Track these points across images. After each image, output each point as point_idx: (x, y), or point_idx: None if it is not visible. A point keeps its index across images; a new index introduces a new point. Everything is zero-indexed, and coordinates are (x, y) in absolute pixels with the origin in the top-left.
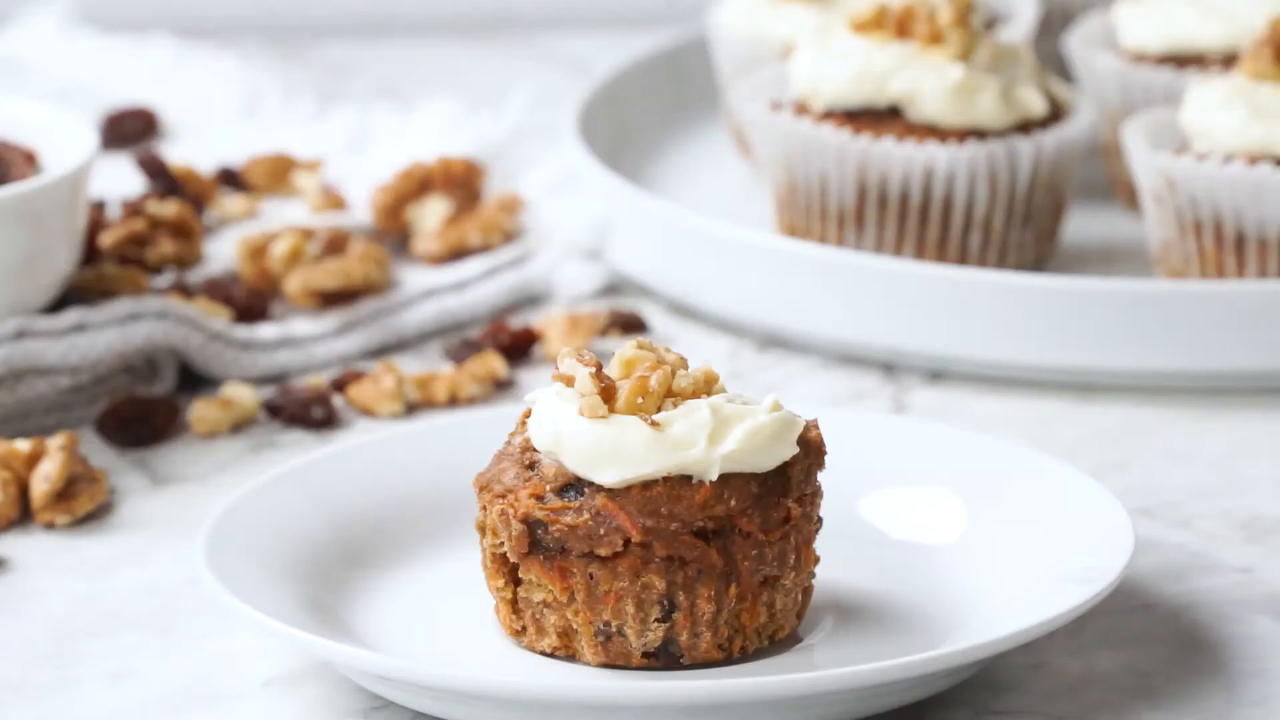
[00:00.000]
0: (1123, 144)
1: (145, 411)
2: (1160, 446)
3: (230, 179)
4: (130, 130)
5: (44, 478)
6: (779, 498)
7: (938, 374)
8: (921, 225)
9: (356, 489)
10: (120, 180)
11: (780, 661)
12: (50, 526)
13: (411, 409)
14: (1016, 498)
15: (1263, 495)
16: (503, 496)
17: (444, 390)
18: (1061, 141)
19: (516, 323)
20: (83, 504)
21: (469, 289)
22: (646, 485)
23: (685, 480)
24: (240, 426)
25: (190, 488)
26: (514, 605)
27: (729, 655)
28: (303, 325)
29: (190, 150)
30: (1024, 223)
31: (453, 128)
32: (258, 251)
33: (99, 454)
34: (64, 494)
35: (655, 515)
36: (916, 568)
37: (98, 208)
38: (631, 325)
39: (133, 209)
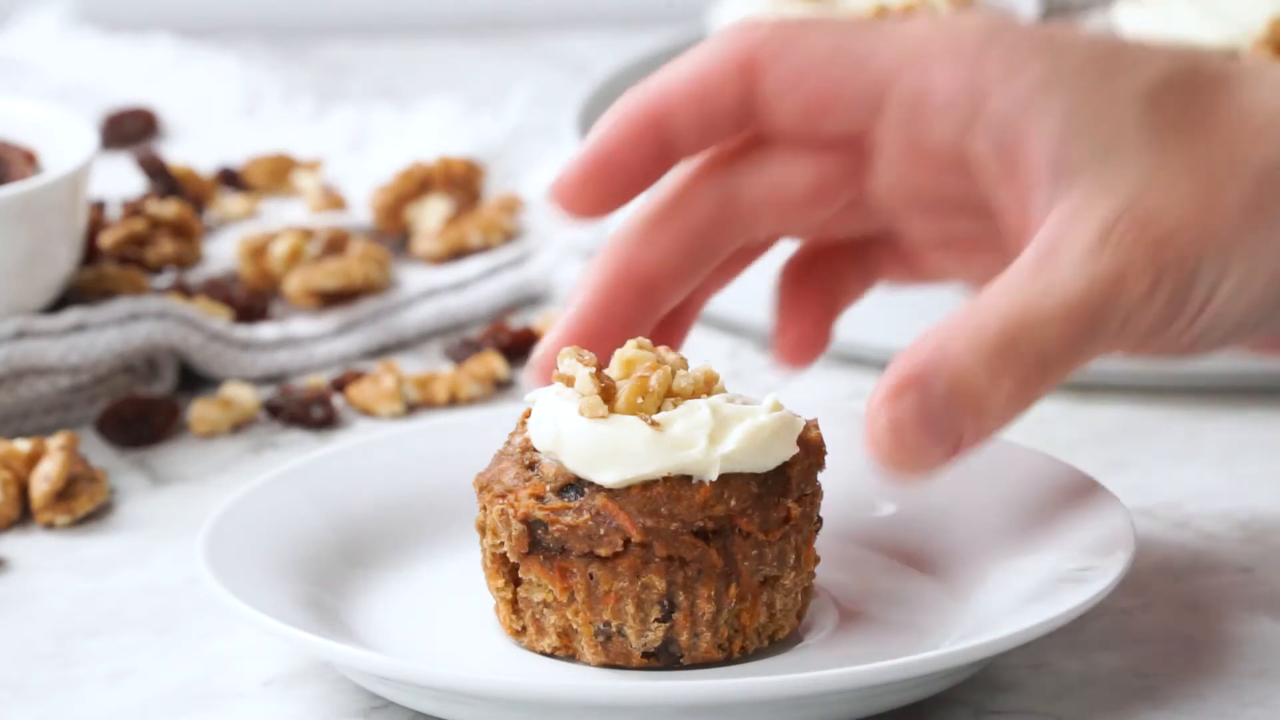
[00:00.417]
0: None
1: (145, 411)
2: (1160, 446)
3: (230, 179)
4: (130, 130)
5: (44, 478)
6: (779, 498)
7: None
8: None
9: (356, 489)
10: (120, 180)
11: (780, 661)
12: (50, 526)
13: (411, 409)
14: (1016, 498)
15: (1263, 495)
16: (503, 496)
17: (444, 390)
18: None
19: (516, 323)
20: (83, 504)
21: (469, 289)
22: (646, 485)
23: (685, 480)
24: (240, 426)
25: (190, 488)
26: (514, 605)
27: (729, 655)
28: (303, 325)
29: (190, 150)
30: None
31: (453, 128)
32: (258, 251)
33: (99, 454)
34: (64, 494)
35: (655, 515)
36: (916, 568)
37: (98, 208)
38: None
39: (133, 209)
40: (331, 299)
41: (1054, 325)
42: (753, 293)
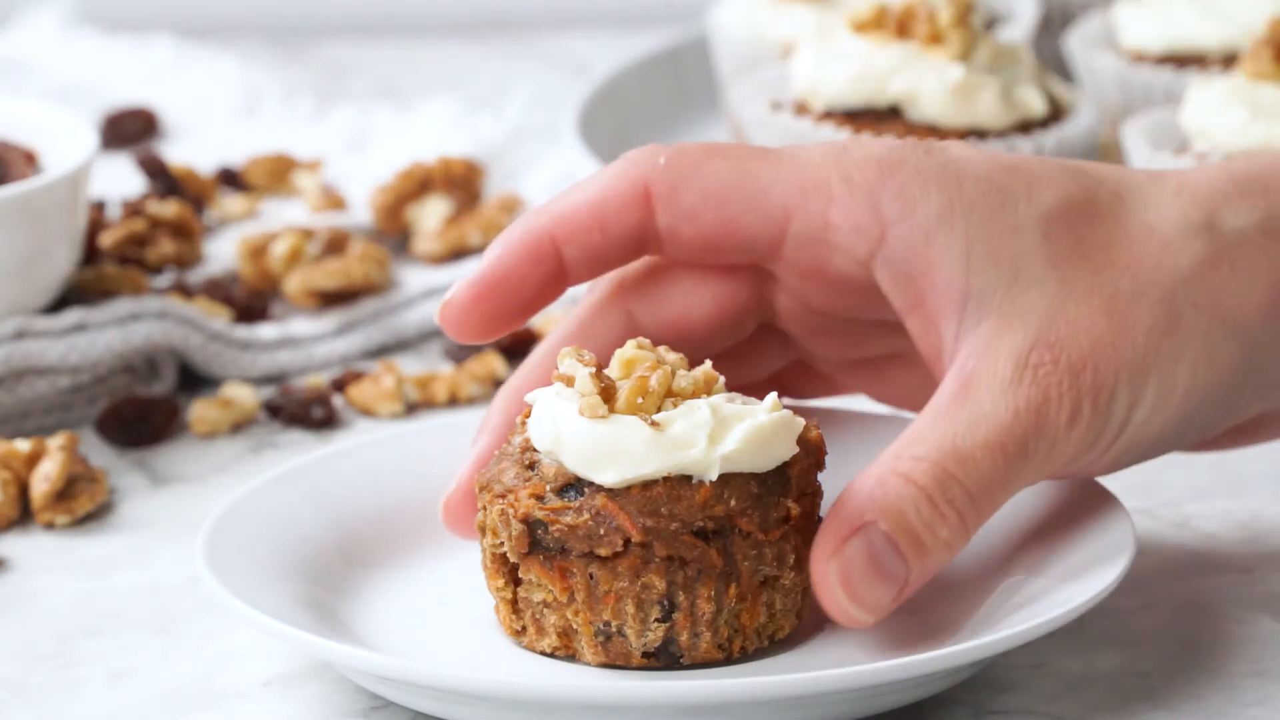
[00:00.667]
0: (1123, 144)
1: (145, 411)
2: None
3: (230, 179)
4: (130, 130)
5: (44, 478)
6: (779, 498)
7: None
8: None
9: (356, 489)
10: (120, 180)
11: (780, 661)
12: (50, 526)
13: (411, 409)
14: (1016, 497)
15: (1263, 495)
16: (503, 496)
17: (444, 390)
18: (1061, 141)
19: None
20: (83, 504)
21: None
22: (646, 485)
23: (685, 480)
24: (240, 426)
25: (190, 488)
26: (514, 605)
27: (729, 655)
28: (303, 325)
29: (190, 150)
30: None
31: (453, 128)
32: (258, 251)
33: (99, 454)
34: (64, 494)
35: (655, 515)
36: None
37: (98, 208)
38: None
39: (133, 209)
40: (331, 299)
41: (984, 460)
42: None
